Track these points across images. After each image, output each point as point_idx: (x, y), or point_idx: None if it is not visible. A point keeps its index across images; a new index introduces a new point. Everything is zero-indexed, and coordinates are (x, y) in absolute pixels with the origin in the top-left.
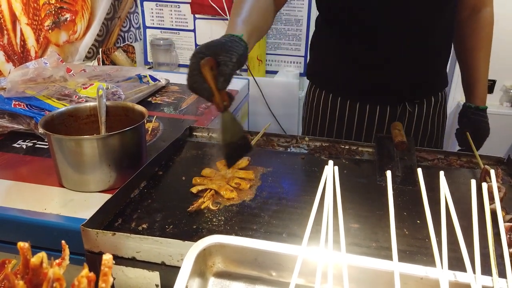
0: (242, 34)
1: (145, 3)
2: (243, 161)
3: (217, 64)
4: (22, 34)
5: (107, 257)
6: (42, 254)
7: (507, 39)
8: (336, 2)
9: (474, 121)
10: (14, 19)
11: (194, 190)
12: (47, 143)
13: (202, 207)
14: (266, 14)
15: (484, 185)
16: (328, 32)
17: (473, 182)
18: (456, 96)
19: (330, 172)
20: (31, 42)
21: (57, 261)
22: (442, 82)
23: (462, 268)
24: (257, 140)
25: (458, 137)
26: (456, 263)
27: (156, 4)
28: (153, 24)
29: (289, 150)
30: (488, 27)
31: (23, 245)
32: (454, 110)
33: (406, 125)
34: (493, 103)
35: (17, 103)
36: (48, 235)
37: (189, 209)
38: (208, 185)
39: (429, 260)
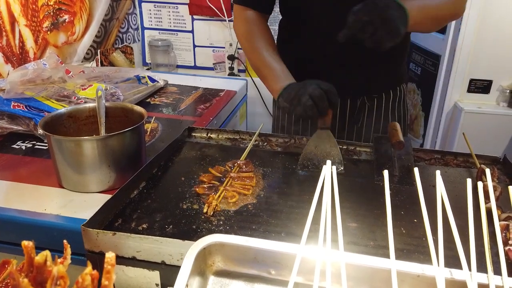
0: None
1: (143, 4)
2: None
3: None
4: (20, 35)
5: (110, 255)
6: (46, 253)
7: (504, 40)
8: (287, 3)
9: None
10: (13, 20)
11: (200, 191)
12: (46, 144)
13: (218, 209)
14: (273, 41)
15: (480, 184)
16: (287, 34)
17: (469, 181)
18: (453, 97)
19: (328, 171)
20: (29, 43)
21: (59, 260)
22: (398, 78)
23: (458, 266)
24: (252, 144)
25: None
26: (452, 261)
27: (154, 5)
28: (151, 25)
29: (288, 150)
30: None
31: (27, 243)
32: (452, 110)
33: (366, 117)
34: (489, 103)
35: (16, 104)
36: (48, 236)
37: (205, 211)
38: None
39: (425, 258)
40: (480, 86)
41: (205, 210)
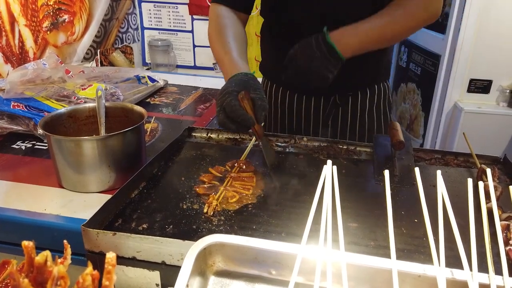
0: (254, 72)
1: (143, 4)
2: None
3: (251, 99)
4: (20, 35)
5: (110, 255)
6: (47, 253)
7: (504, 40)
8: (266, 2)
9: (300, 46)
10: (13, 20)
11: (200, 191)
12: (46, 144)
13: (218, 209)
14: (244, 36)
15: (481, 184)
16: (268, 34)
17: (470, 181)
18: (453, 97)
19: (329, 171)
20: (29, 43)
21: (59, 260)
22: (376, 75)
23: (459, 266)
24: (252, 144)
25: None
26: (453, 261)
27: (154, 5)
28: (151, 25)
29: (287, 150)
30: (402, 11)
31: (27, 243)
32: (451, 110)
33: (340, 115)
34: (489, 103)
35: (16, 104)
36: (47, 236)
37: (205, 211)
38: (213, 189)
39: (426, 258)
40: (480, 86)
41: (205, 210)
